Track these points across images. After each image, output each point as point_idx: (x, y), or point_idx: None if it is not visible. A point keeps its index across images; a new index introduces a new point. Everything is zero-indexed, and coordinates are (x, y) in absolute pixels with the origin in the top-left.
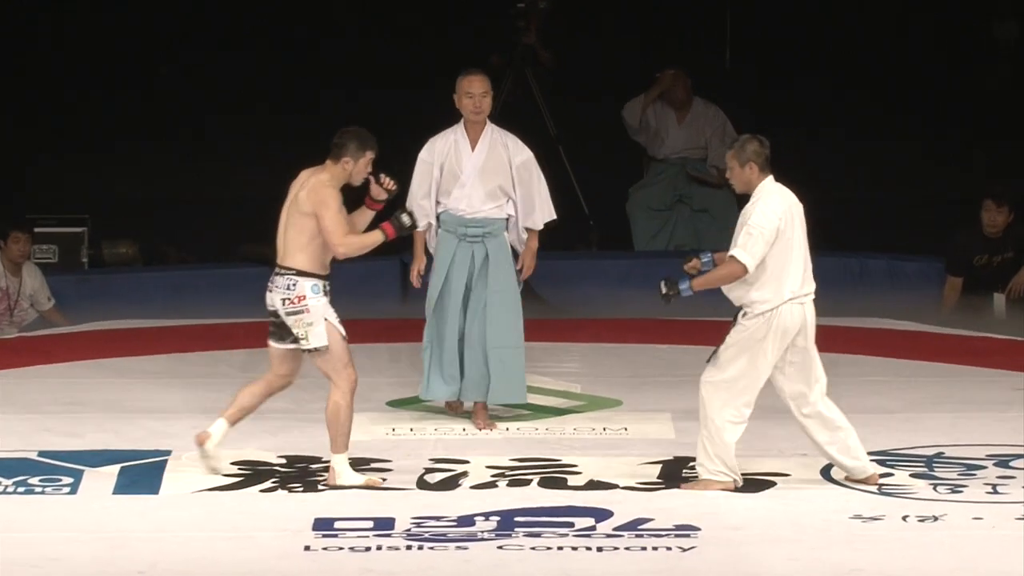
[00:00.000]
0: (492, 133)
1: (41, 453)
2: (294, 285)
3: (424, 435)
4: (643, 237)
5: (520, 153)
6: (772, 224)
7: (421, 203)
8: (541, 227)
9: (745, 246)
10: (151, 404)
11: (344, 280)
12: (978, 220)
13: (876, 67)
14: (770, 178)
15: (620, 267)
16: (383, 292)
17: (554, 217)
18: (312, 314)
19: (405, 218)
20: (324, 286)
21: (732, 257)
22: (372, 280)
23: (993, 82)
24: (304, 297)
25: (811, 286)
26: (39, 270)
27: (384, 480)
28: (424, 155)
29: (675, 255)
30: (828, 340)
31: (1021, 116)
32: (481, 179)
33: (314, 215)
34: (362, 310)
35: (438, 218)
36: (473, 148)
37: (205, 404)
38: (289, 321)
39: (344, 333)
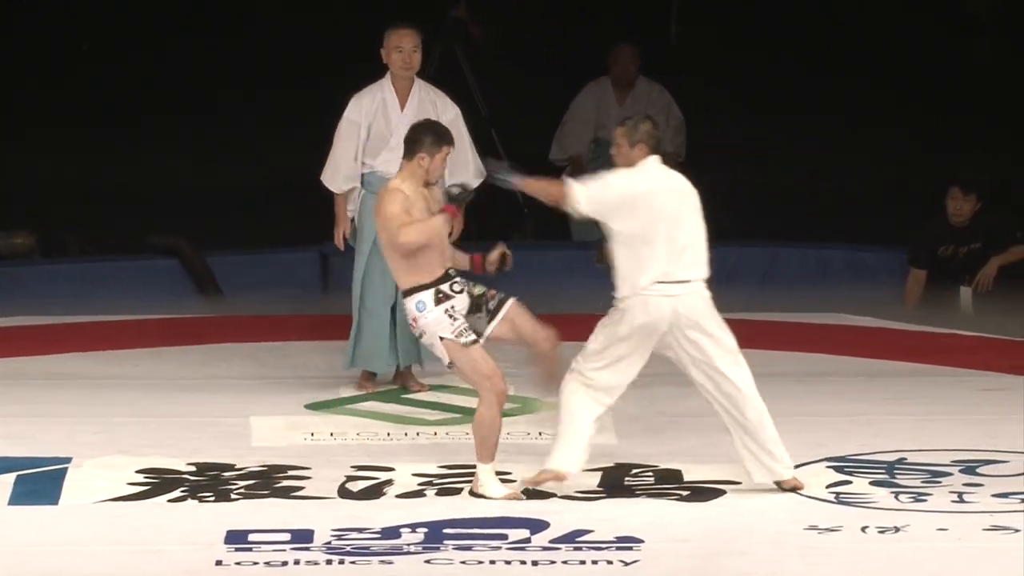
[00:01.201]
0: (420, 91)
1: None
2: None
3: (346, 440)
4: (581, 226)
5: (448, 111)
6: (624, 189)
7: (348, 166)
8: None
9: (587, 184)
10: (51, 408)
11: (261, 274)
12: (944, 209)
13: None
14: (653, 158)
15: (557, 259)
16: (302, 286)
17: (483, 176)
18: (428, 335)
19: (456, 190)
20: (435, 294)
21: (569, 183)
22: (290, 274)
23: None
24: (416, 319)
25: (689, 275)
26: None
27: (523, 497)
28: (350, 114)
29: None
30: (784, 337)
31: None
32: None
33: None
34: (279, 305)
35: (363, 180)
36: (403, 107)
37: (110, 407)
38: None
39: (470, 340)
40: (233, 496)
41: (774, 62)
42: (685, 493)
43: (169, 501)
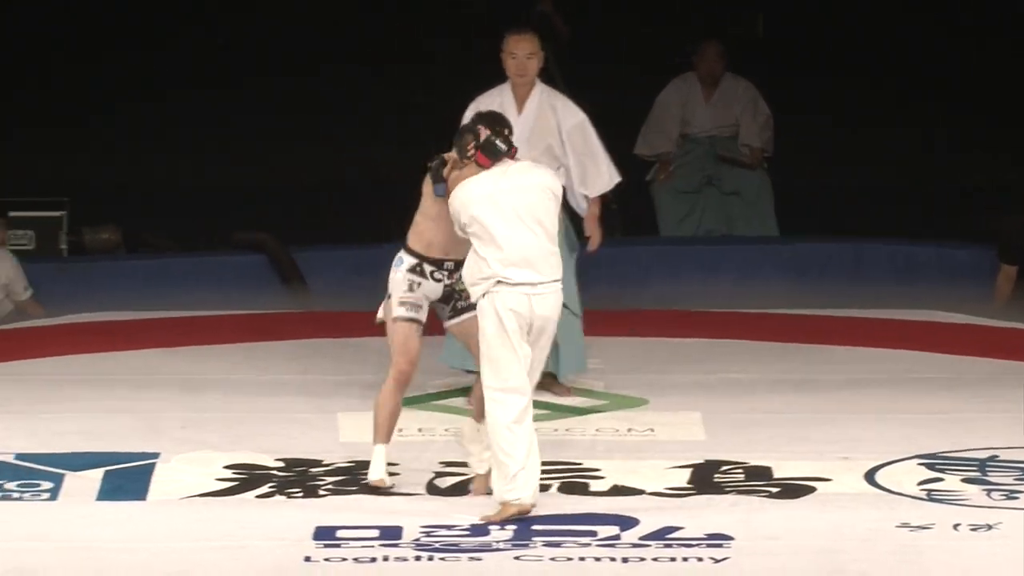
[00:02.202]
0: (540, 95)
1: (18, 456)
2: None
3: (433, 436)
4: (670, 222)
5: (571, 116)
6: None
7: None
8: (598, 194)
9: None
10: (138, 403)
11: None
12: None
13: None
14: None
15: (645, 255)
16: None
17: (618, 180)
18: (388, 287)
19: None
20: (416, 263)
21: None
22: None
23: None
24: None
25: (537, 276)
26: (14, 258)
27: (392, 486)
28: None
29: (704, 241)
30: (874, 334)
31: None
32: (528, 145)
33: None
34: (366, 300)
35: None
36: (520, 111)
37: (197, 403)
38: None
39: (403, 316)
40: (321, 492)
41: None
42: (775, 490)
43: (257, 497)
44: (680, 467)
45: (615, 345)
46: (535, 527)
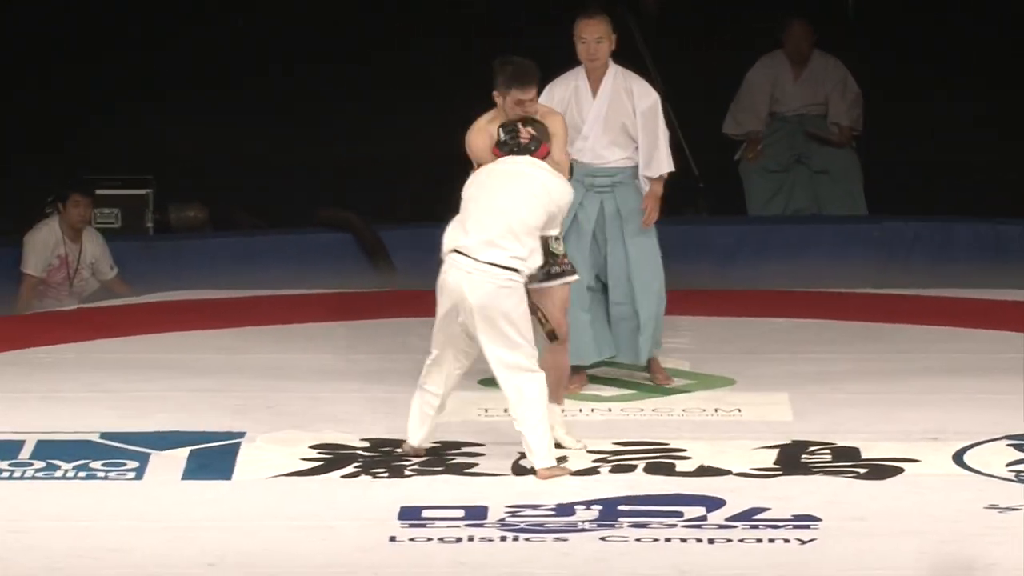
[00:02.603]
0: (615, 78)
1: (103, 435)
2: None
3: None
4: (757, 201)
5: (645, 97)
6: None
7: None
8: (655, 175)
9: None
10: (224, 382)
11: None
12: None
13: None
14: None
15: (732, 234)
16: None
17: (671, 169)
18: None
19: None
20: None
21: None
22: None
23: None
24: None
25: (485, 256)
26: (100, 236)
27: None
28: (542, 97)
29: (793, 221)
30: (963, 315)
31: None
32: (604, 129)
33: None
34: None
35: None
36: (594, 95)
37: (282, 381)
38: None
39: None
40: (407, 472)
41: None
42: (863, 471)
43: (343, 477)
44: (767, 448)
45: (702, 325)
46: (621, 508)
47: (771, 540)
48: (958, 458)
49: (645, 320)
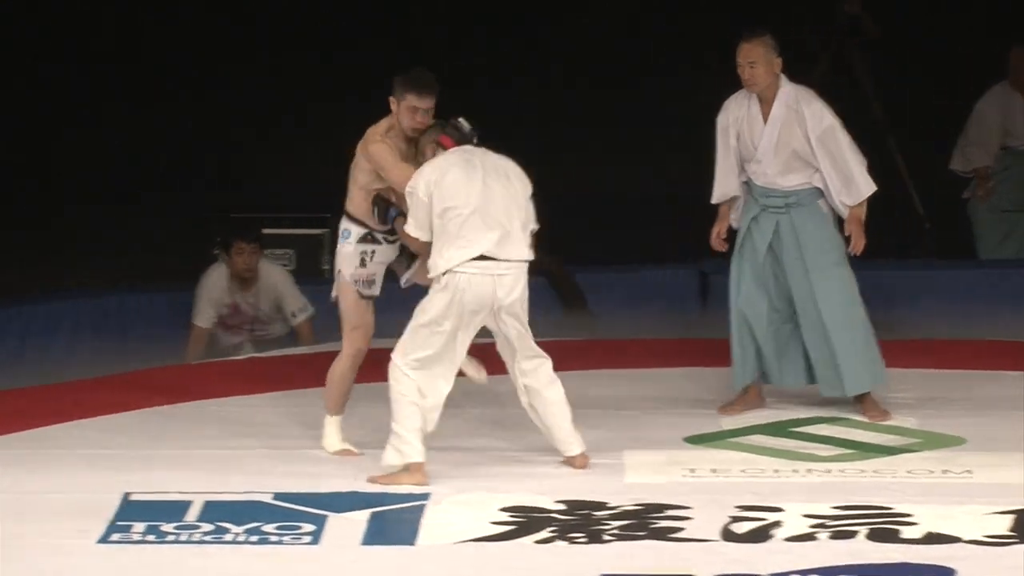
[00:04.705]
0: (786, 101)
1: (277, 495)
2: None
3: (729, 476)
4: (988, 243)
5: (819, 123)
6: (419, 189)
7: (722, 176)
8: (856, 202)
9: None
10: None
11: (633, 292)
12: None
13: None
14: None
15: (961, 279)
16: (679, 305)
17: (872, 190)
18: (336, 262)
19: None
20: (364, 234)
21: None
22: (665, 292)
23: None
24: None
25: (509, 254)
26: (283, 273)
27: (362, 453)
28: (720, 120)
29: None
30: None
31: None
32: (776, 155)
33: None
34: (654, 327)
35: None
36: (765, 120)
37: (467, 439)
38: None
39: (365, 294)
40: (606, 537)
41: None
42: None
43: (536, 542)
44: (1001, 513)
45: (929, 378)
46: None
47: None
48: None
49: (843, 351)
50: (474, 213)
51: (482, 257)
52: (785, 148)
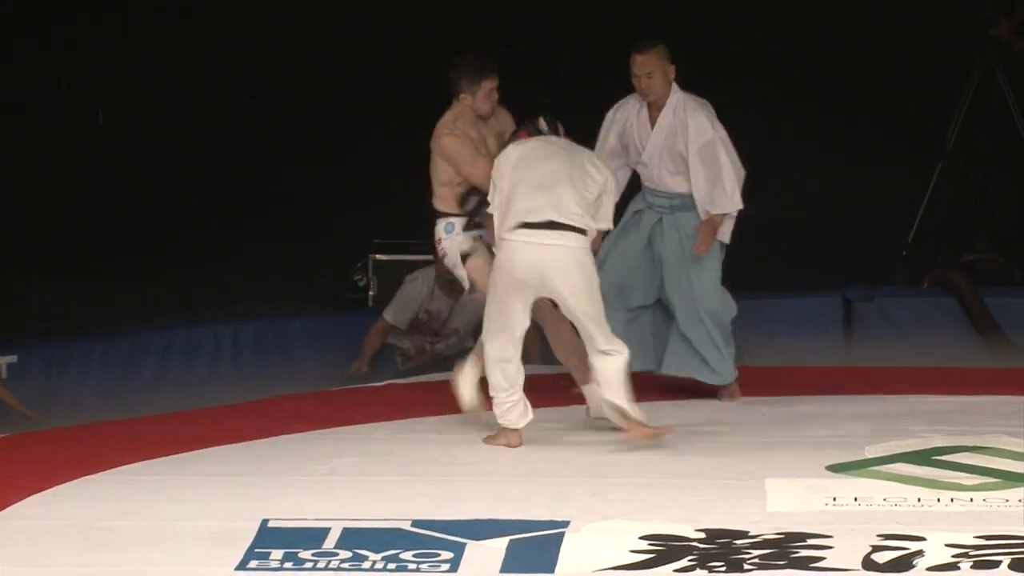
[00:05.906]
0: (673, 112)
1: (415, 523)
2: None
3: (871, 505)
4: None
5: (700, 135)
6: (495, 177)
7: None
8: (720, 212)
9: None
10: (545, 465)
11: (776, 321)
12: None
13: None
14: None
15: None
16: (822, 333)
17: (738, 207)
18: (450, 256)
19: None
20: (466, 221)
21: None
22: (809, 320)
23: None
24: (440, 240)
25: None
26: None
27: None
28: (609, 115)
29: None
30: None
31: None
32: (660, 159)
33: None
34: (797, 355)
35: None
36: (653, 125)
37: (603, 467)
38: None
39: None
40: (746, 566)
41: None
42: None
43: (676, 571)
44: None
45: None
46: None
47: None
48: None
49: (715, 340)
50: (534, 188)
51: (529, 225)
52: (669, 153)
